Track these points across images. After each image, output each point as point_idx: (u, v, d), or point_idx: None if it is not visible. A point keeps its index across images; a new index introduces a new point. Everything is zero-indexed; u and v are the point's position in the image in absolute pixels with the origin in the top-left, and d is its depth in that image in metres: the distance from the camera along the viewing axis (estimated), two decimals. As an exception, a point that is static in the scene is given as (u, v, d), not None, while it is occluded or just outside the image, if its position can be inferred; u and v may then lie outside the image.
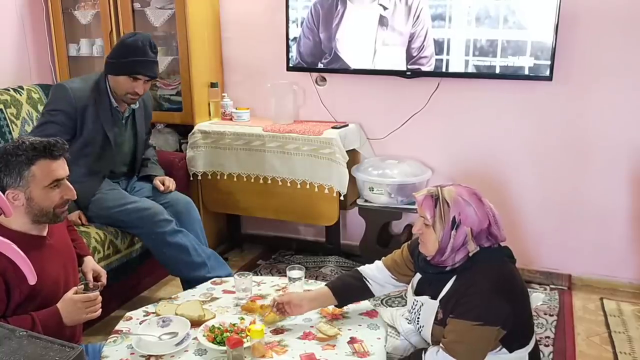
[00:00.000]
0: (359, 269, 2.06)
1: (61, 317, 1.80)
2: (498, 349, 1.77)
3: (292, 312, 1.93)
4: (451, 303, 1.76)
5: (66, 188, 1.88)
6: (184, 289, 2.68)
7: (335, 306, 2.00)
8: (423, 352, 1.78)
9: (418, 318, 1.88)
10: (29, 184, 1.80)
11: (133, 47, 2.64)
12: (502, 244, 1.85)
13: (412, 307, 1.92)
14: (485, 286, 1.72)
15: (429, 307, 1.83)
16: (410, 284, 1.97)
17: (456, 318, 1.72)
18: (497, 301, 1.70)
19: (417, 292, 1.91)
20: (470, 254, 1.78)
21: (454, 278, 1.79)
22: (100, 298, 1.86)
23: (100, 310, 1.88)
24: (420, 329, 1.89)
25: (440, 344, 1.74)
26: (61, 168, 1.86)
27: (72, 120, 2.63)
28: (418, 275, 1.93)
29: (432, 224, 1.78)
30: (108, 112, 2.70)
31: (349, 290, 2.00)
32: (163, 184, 2.89)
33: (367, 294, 2.01)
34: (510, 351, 1.79)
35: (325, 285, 2.02)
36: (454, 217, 1.76)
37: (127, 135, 2.84)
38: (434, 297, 1.82)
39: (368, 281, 2.00)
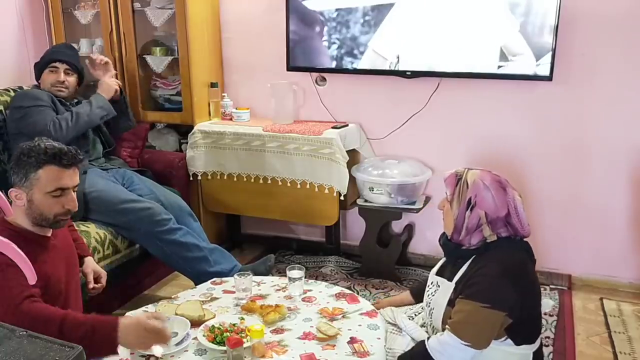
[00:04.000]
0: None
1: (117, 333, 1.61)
2: (503, 338, 1.79)
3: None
4: (462, 283, 1.81)
5: (70, 199, 1.85)
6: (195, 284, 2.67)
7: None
8: (426, 340, 1.80)
9: (431, 300, 1.92)
10: (33, 187, 1.80)
11: (51, 47, 3.11)
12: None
13: (429, 287, 1.98)
14: (495, 270, 1.76)
15: (445, 288, 1.87)
16: (435, 267, 2.05)
17: (465, 299, 1.76)
18: (504, 286, 1.74)
19: (437, 273, 1.98)
20: (488, 240, 1.83)
21: (469, 261, 1.84)
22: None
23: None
24: (431, 312, 1.92)
25: (447, 325, 1.77)
26: (69, 178, 1.84)
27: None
28: (443, 259, 2.00)
29: (450, 201, 1.87)
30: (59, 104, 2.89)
31: (420, 289, 2.13)
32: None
33: None
34: (517, 344, 1.80)
35: (409, 289, 2.29)
36: (469, 199, 1.82)
37: None
38: (450, 280, 1.87)
39: None
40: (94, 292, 2.18)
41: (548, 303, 2.03)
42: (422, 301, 2.12)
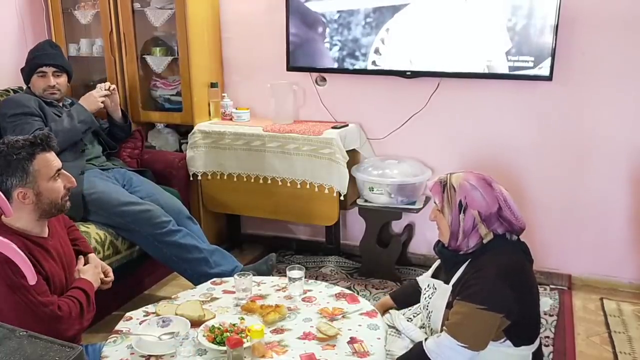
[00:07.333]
0: (416, 278, 2.22)
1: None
2: (502, 340, 1.79)
3: None
4: (459, 285, 1.80)
5: (66, 177, 1.92)
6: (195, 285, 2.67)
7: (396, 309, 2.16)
8: (424, 341, 1.80)
9: (428, 303, 1.92)
10: (36, 179, 1.82)
11: (33, 49, 2.95)
12: (521, 238, 1.90)
13: (425, 290, 1.97)
14: (492, 271, 1.76)
15: (442, 291, 1.87)
16: (429, 270, 2.05)
17: (461, 300, 1.76)
18: (501, 287, 1.73)
19: (433, 276, 1.99)
20: (485, 241, 1.82)
21: (466, 264, 1.83)
22: None
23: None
24: (429, 315, 1.92)
25: (444, 326, 1.77)
26: (56, 159, 1.90)
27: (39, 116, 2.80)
28: (438, 262, 2.01)
29: (441, 209, 1.86)
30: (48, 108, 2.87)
31: (404, 294, 2.21)
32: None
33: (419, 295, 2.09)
34: (516, 346, 1.80)
35: (388, 294, 2.28)
36: (460, 201, 1.82)
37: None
38: (446, 282, 1.87)
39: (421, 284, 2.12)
40: (104, 286, 2.18)
41: (547, 302, 2.03)
42: (405, 306, 2.14)
